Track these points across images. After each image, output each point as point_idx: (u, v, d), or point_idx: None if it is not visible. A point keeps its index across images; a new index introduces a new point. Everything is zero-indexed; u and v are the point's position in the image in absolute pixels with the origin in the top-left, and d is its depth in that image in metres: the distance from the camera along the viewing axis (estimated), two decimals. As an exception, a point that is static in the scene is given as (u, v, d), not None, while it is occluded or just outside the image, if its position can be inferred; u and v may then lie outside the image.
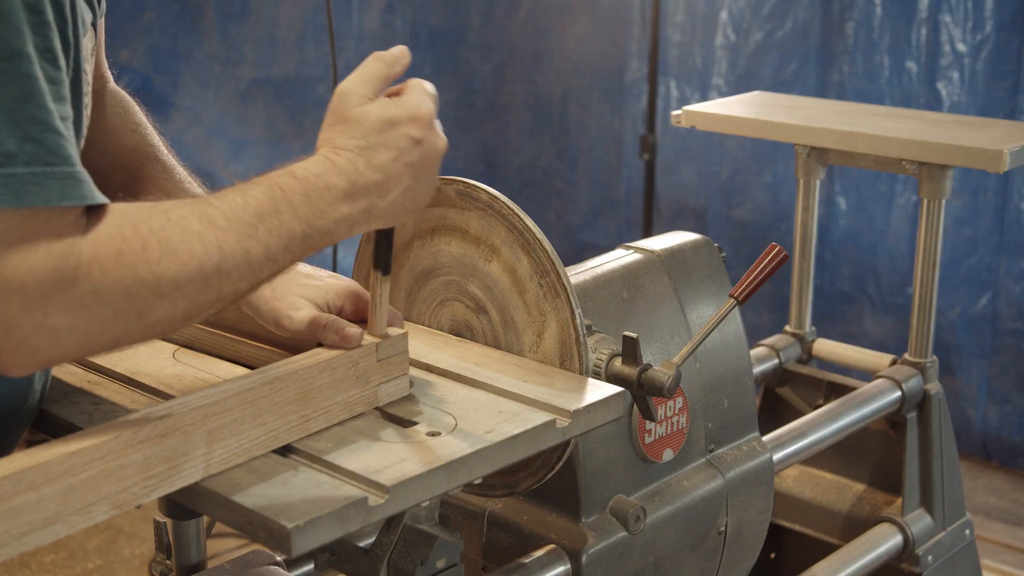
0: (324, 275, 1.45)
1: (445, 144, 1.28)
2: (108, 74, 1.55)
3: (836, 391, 2.50)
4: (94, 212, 1.09)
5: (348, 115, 1.23)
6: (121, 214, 1.10)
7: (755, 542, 1.94)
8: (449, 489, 1.25)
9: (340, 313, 1.41)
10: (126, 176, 1.48)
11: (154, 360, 1.44)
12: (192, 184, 1.50)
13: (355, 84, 1.25)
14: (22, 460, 1.08)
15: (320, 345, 1.35)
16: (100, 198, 1.08)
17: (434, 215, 1.60)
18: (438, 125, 1.28)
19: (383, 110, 1.23)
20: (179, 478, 1.19)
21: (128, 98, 1.56)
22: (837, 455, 2.52)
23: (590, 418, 1.38)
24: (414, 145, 1.24)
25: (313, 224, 1.18)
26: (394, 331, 1.39)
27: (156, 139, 1.53)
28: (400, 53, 1.28)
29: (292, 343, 1.40)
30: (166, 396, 1.33)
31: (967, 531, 2.52)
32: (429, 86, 1.29)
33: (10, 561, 1.08)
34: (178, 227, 1.11)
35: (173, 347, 1.50)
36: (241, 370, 1.40)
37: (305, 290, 1.40)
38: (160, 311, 1.10)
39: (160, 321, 1.12)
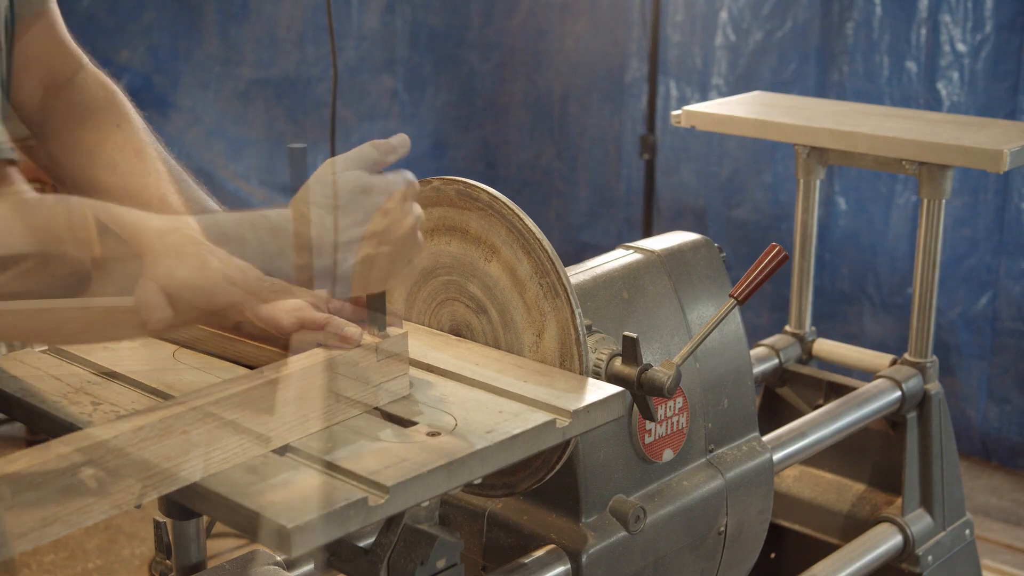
0: None
1: (414, 220, 1.33)
2: (83, 58, 1.51)
3: (836, 391, 2.50)
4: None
5: (325, 179, 1.30)
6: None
7: (755, 542, 1.94)
8: (449, 489, 1.25)
9: (340, 313, 1.41)
10: (116, 178, 1.47)
11: (154, 360, 1.43)
12: (185, 177, 1.50)
13: (342, 158, 1.32)
14: (21, 460, 1.08)
15: (320, 345, 1.35)
16: (8, 153, 1.10)
17: (434, 215, 1.60)
18: (417, 208, 1.33)
19: (358, 178, 1.30)
20: (178, 478, 1.19)
21: (111, 87, 1.52)
22: (837, 455, 2.52)
23: (590, 418, 1.38)
24: (381, 215, 1.30)
25: (273, 264, 1.24)
26: (394, 331, 1.39)
27: (143, 134, 1.49)
28: (399, 143, 1.34)
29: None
30: (166, 396, 1.33)
31: (967, 531, 2.52)
32: (410, 175, 1.35)
33: (9, 561, 1.08)
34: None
35: (173, 347, 1.50)
36: (241, 370, 1.40)
37: (305, 290, 1.41)
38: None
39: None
